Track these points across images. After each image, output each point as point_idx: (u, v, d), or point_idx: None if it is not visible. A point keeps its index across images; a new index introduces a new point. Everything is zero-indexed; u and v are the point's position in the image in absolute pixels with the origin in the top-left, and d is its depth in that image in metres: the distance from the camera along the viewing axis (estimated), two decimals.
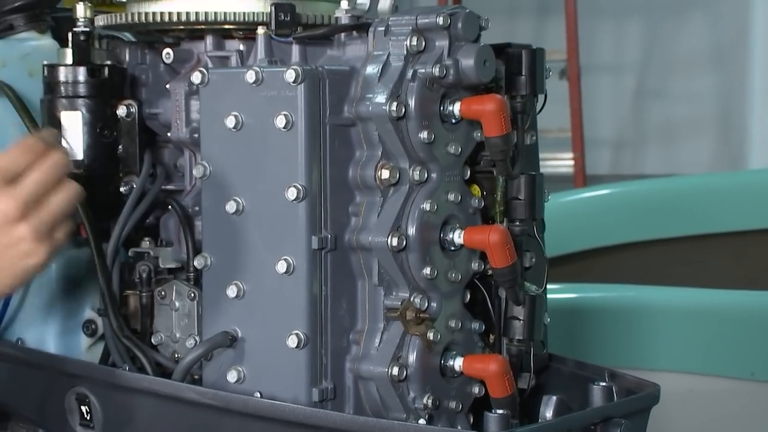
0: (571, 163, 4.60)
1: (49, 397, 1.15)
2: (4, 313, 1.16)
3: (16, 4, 1.22)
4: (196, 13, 1.15)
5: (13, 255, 0.98)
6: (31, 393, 1.18)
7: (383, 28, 1.08)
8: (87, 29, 1.18)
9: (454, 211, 1.10)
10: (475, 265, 1.12)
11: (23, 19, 1.22)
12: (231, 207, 1.07)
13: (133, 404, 1.10)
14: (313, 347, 1.05)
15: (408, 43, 1.06)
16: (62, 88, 1.17)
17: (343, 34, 1.13)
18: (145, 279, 1.19)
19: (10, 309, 1.17)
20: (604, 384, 1.09)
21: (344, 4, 1.15)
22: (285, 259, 1.05)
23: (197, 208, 1.18)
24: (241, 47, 1.19)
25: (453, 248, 1.09)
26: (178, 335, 1.18)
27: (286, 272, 1.04)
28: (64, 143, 1.17)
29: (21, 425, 1.21)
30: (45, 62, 1.19)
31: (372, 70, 1.07)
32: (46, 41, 1.24)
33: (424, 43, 1.07)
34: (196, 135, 1.17)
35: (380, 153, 1.07)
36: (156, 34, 1.23)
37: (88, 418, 1.12)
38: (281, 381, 1.05)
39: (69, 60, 1.18)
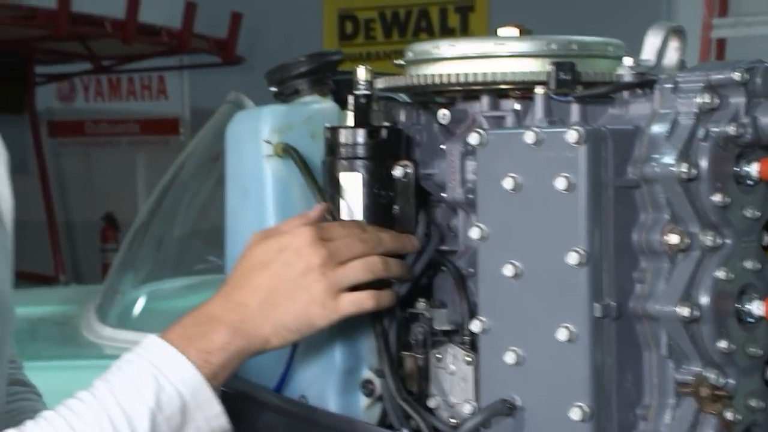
0: None
1: None
2: (288, 370, 1.20)
3: (302, 70, 1.26)
4: (475, 74, 1.14)
5: (304, 298, 1.07)
6: None
7: (671, 85, 1.03)
8: (368, 92, 1.21)
9: (751, 279, 1.02)
10: None
11: (307, 84, 1.27)
12: (508, 270, 1.05)
13: None
14: (598, 421, 1.00)
15: (700, 101, 1.01)
16: (342, 149, 1.20)
17: (626, 92, 1.09)
18: (421, 340, 1.18)
19: (295, 365, 1.20)
20: None
21: (628, 61, 1.11)
22: (566, 327, 1.01)
23: (471, 270, 1.17)
24: (517, 107, 1.17)
25: (751, 320, 1.02)
26: (453, 400, 1.16)
27: (567, 340, 1.01)
28: (343, 204, 1.20)
29: None
30: (326, 124, 1.23)
31: (659, 129, 1.02)
32: (328, 104, 1.27)
33: (717, 101, 1.01)
34: (471, 196, 1.16)
35: (667, 216, 1.02)
36: (431, 94, 1.24)
37: None
38: None
39: (349, 122, 1.21)
